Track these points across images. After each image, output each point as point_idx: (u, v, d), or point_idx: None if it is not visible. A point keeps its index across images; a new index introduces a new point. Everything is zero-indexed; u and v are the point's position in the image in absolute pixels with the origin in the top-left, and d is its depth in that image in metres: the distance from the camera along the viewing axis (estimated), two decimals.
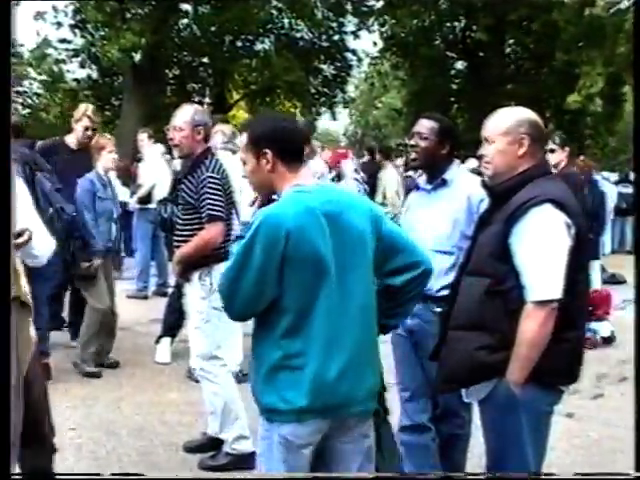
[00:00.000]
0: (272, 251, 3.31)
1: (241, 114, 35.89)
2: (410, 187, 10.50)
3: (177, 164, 10.83)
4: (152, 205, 11.71)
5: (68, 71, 32.22)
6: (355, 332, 3.46)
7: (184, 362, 7.96)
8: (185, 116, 6.00)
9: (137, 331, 9.83)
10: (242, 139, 3.83)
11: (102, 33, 26.52)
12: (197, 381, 6.51)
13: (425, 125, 4.89)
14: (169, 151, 10.92)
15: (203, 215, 5.78)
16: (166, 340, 8.60)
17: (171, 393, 7.52)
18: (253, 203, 3.88)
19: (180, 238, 6.03)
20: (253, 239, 3.32)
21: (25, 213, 4.33)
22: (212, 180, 5.77)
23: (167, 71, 31.43)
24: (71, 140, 9.12)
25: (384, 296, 3.66)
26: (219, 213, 5.79)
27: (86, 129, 8.93)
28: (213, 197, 5.76)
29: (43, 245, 4.43)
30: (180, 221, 6.06)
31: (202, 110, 6.37)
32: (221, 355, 5.91)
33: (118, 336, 8.55)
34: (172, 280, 9.73)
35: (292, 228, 3.30)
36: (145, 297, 12.27)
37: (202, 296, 5.84)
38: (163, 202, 7.49)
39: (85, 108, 9.20)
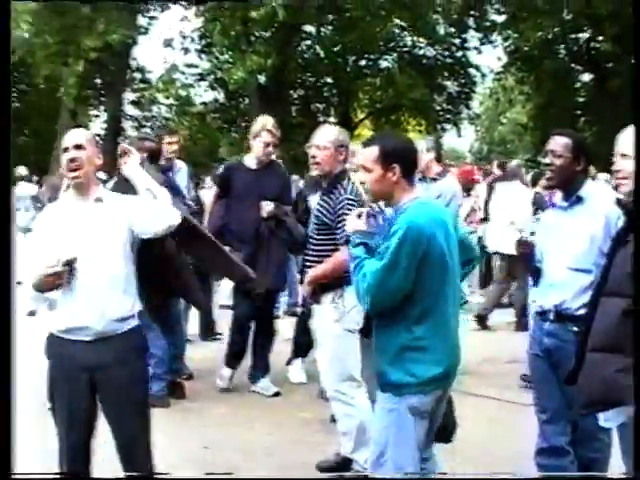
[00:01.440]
0: (417, 253, 4.00)
1: (366, 133, 35.96)
2: (540, 204, 10.32)
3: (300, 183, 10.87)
4: None
5: (195, 95, 32.92)
6: (455, 318, 4.29)
7: (316, 382, 7.96)
8: (329, 135, 6.02)
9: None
10: (365, 152, 4.28)
11: (227, 57, 27.01)
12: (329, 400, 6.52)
13: (558, 142, 4.79)
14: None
15: (339, 236, 5.73)
16: (298, 360, 8.64)
17: (304, 412, 7.51)
18: None
19: (312, 258, 6.01)
20: (401, 244, 3.97)
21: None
22: (350, 202, 5.71)
23: (292, 92, 31.80)
24: (250, 160, 8.10)
25: None
26: None
27: (266, 145, 7.93)
28: None
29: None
30: (313, 241, 6.04)
31: (344, 131, 6.34)
32: (357, 376, 5.84)
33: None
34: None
35: (430, 234, 4.03)
36: (276, 317, 12.34)
37: (335, 318, 5.79)
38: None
39: (264, 122, 8.03)
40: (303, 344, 8.57)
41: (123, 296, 4.48)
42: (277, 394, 7.95)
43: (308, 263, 6.06)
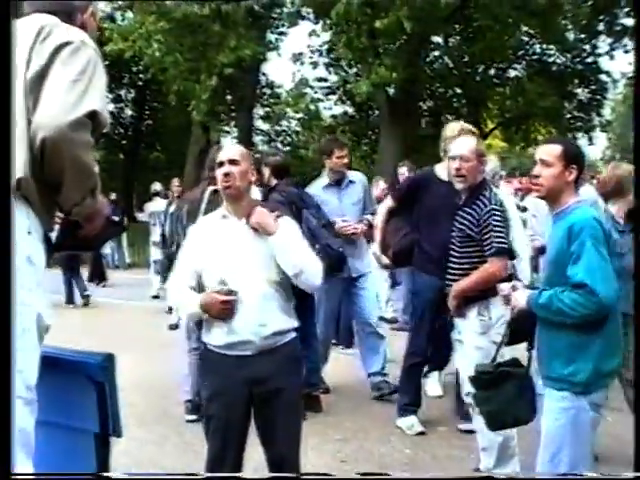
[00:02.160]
0: (605, 245, 4.16)
1: (496, 142, 35.62)
2: None
3: None
4: None
5: (325, 108, 33.17)
6: None
7: (453, 395, 7.87)
8: (470, 145, 5.90)
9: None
10: (548, 147, 4.45)
11: (355, 70, 27.12)
12: (466, 415, 6.43)
13: None
14: None
15: (487, 248, 5.65)
16: (435, 373, 8.56)
17: (441, 427, 7.43)
18: None
19: (456, 272, 5.91)
20: (594, 241, 4.11)
21: (298, 246, 4.58)
22: (497, 212, 5.65)
23: (421, 103, 31.70)
24: (441, 169, 7.15)
25: None
26: (505, 246, 5.66)
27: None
28: (499, 230, 5.63)
29: (315, 273, 4.59)
30: (455, 254, 5.92)
31: (481, 140, 6.28)
32: None
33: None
34: None
35: (607, 233, 4.32)
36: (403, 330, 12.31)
37: (480, 331, 5.71)
38: None
39: (459, 127, 6.96)
40: (440, 357, 8.50)
41: (280, 310, 4.53)
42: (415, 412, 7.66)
43: (451, 277, 5.95)
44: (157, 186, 17.99)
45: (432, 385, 8.54)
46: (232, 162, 4.61)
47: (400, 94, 23.87)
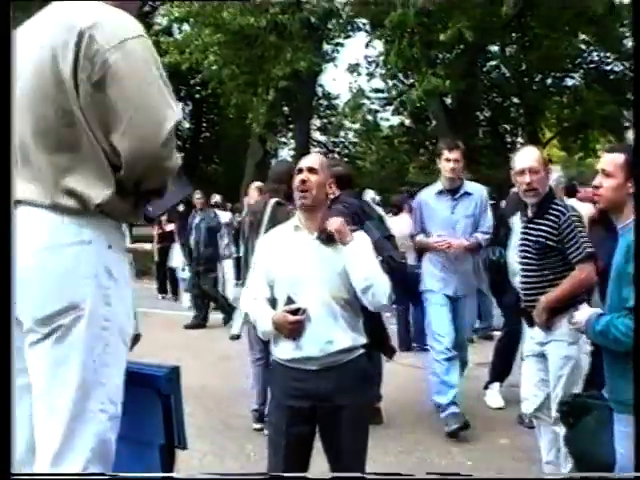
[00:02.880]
0: None
1: (555, 152, 35.30)
2: None
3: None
4: None
5: (382, 119, 33.15)
6: None
7: (514, 408, 7.79)
8: (537, 157, 5.78)
9: (464, 375, 9.78)
10: (610, 157, 4.24)
11: (411, 80, 27.08)
12: (530, 427, 6.36)
13: None
14: None
15: (573, 255, 5.52)
16: (496, 385, 8.50)
17: (502, 439, 7.36)
18: None
19: (536, 285, 5.76)
20: None
21: (371, 260, 4.53)
22: (575, 218, 5.55)
23: (478, 113, 31.56)
24: None
25: None
26: (593, 250, 5.53)
27: None
28: (582, 235, 5.53)
29: (383, 291, 4.52)
30: (533, 267, 5.78)
31: (542, 149, 6.15)
32: None
33: None
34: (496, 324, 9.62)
35: None
36: (471, 341, 12.25)
37: (570, 341, 5.57)
38: (491, 245, 7.44)
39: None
40: (502, 369, 8.44)
41: (347, 327, 4.48)
42: (466, 426, 7.54)
43: (530, 291, 5.82)
44: (217, 198, 18.08)
45: (493, 397, 8.47)
46: (311, 170, 4.58)
47: (457, 104, 23.86)
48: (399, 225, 11.94)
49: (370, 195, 13.00)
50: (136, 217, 3.16)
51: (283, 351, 4.51)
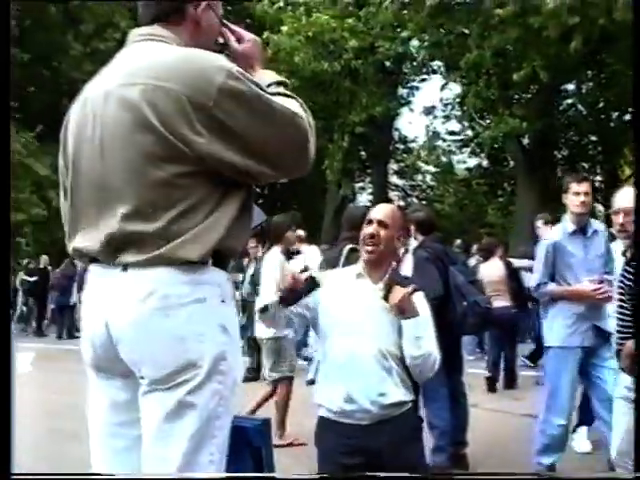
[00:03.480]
0: None
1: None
2: None
3: None
4: None
5: (459, 161, 33.15)
6: None
7: (603, 451, 7.66)
8: (631, 197, 5.51)
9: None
10: None
11: (488, 121, 27.04)
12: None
13: None
14: None
15: None
16: (583, 428, 8.38)
17: None
18: None
19: (627, 329, 5.54)
20: None
21: (427, 336, 4.43)
22: None
23: (556, 152, 31.34)
24: None
25: None
26: None
27: None
28: None
29: (430, 368, 4.46)
30: (626, 311, 5.53)
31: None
32: None
33: (527, 423, 8.44)
34: None
35: None
36: None
37: None
38: None
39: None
40: (589, 411, 8.32)
41: (400, 382, 4.42)
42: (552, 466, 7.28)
43: (621, 334, 5.58)
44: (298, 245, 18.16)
45: (580, 441, 8.33)
46: (381, 224, 4.51)
47: (534, 144, 23.68)
48: (490, 270, 12.06)
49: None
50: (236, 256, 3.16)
51: (332, 402, 4.44)
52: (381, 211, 4.64)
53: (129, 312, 2.83)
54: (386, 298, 4.33)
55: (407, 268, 6.85)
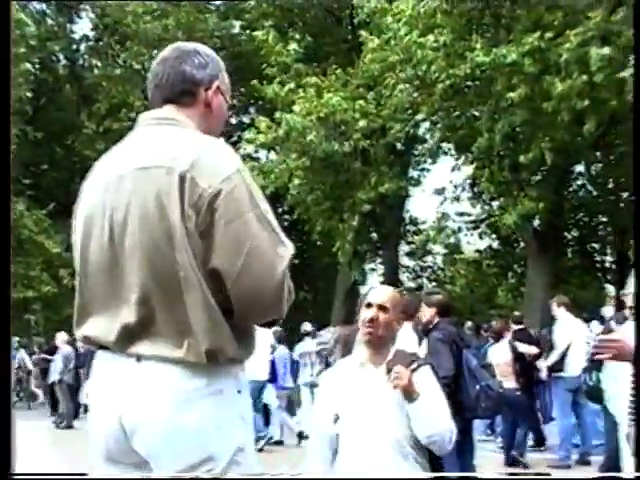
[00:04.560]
0: None
1: None
2: None
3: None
4: (567, 373, 11.64)
5: (468, 243, 33.23)
6: None
7: None
8: None
9: None
10: None
11: (498, 203, 27.11)
12: None
13: None
14: None
15: None
16: None
17: None
18: None
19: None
20: None
21: (435, 413, 4.40)
22: None
23: (566, 233, 31.39)
24: None
25: None
26: None
27: None
28: None
29: (433, 420, 4.41)
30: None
31: None
32: None
33: None
34: None
35: None
36: (568, 467, 12.01)
37: None
38: (588, 369, 7.31)
39: None
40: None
41: (416, 465, 4.37)
42: None
43: (635, 416, 5.62)
44: (307, 326, 18.07)
45: None
46: (381, 308, 4.49)
47: (545, 225, 23.69)
48: (500, 352, 12.32)
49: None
50: (253, 350, 3.09)
51: None
52: (381, 295, 4.63)
53: (145, 406, 2.79)
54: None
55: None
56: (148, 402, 2.78)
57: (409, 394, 4.30)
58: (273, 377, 15.80)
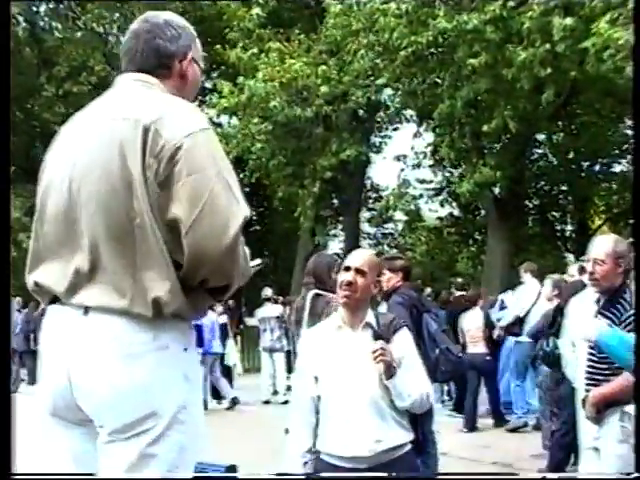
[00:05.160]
0: None
1: None
2: None
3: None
4: (526, 338, 11.75)
5: (429, 210, 33.29)
6: None
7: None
8: (606, 248, 5.59)
9: (519, 467, 9.65)
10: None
11: (459, 170, 27.20)
12: None
13: None
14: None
15: None
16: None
17: None
18: None
19: (595, 376, 5.62)
20: None
21: (413, 381, 4.49)
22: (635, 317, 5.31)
23: (527, 202, 31.57)
24: None
25: None
26: None
27: None
28: None
29: (411, 388, 4.47)
30: (594, 359, 5.60)
31: (622, 239, 5.87)
32: None
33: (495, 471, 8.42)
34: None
35: None
36: (525, 425, 12.26)
37: (621, 439, 5.40)
38: (545, 335, 7.38)
39: None
40: (560, 460, 8.34)
41: (395, 424, 4.46)
42: None
43: (589, 381, 5.68)
44: (268, 291, 18.09)
45: None
46: (358, 272, 4.52)
47: (506, 193, 23.82)
48: (472, 319, 12.77)
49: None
50: (204, 313, 3.14)
51: (330, 447, 4.47)
52: (359, 258, 4.67)
53: (91, 359, 2.79)
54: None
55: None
56: (94, 356, 2.79)
57: (389, 371, 4.35)
58: (199, 342, 15.88)
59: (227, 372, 17.51)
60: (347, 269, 4.58)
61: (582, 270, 10.89)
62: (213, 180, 2.79)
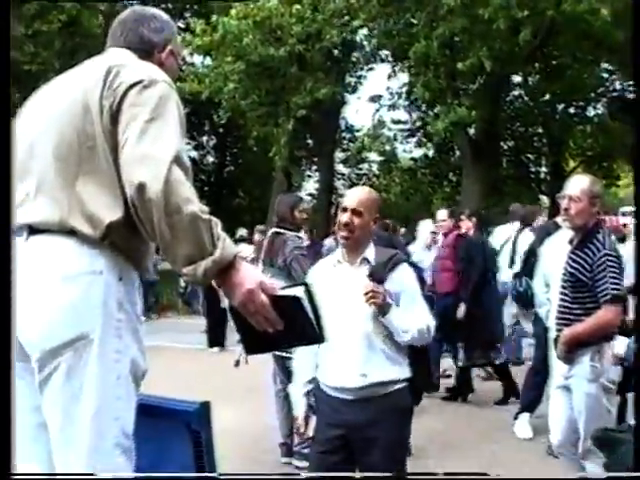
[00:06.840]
0: None
1: None
2: None
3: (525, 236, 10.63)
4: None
5: (404, 151, 33.25)
6: None
7: (542, 438, 7.74)
8: (582, 185, 5.63)
9: (496, 407, 9.73)
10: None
11: (434, 111, 27.17)
12: (557, 457, 6.31)
13: None
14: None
15: (600, 295, 5.38)
16: (525, 415, 8.46)
17: (529, 469, 7.25)
18: None
19: (567, 317, 5.65)
20: None
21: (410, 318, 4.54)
22: (611, 257, 5.40)
23: (502, 143, 31.59)
24: None
25: None
26: (621, 293, 5.43)
27: None
28: (613, 276, 5.36)
29: (409, 323, 4.52)
30: (566, 299, 5.65)
31: (598, 181, 5.96)
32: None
33: (475, 412, 8.48)
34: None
35: None
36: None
37: (591, 378, 5.49)
38: (518, 275, 7.41)
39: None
40: (532, 399, 8.40)
41: (386, 361, 4.52)
42: None
43: (560, 321, 5.71)
44: (243, 232, 18.04)
45: (522, 427, 8.43)
46: (355, 212, 4.56)
47: (481, 134, 23.84)
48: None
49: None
50: (148, 255, 3.07)
51: (327, 377, 4.61)
52: (354, 199, 4.68)
53: (27, 282, 2.80)
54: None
55: None
56: (31, 279, 2.81)
57: (382, 309, 4.43)
58: None
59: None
60: (344, 210, 4.61)
61: (451, 214, 10.92)
62: (153, 116, 2.82)
